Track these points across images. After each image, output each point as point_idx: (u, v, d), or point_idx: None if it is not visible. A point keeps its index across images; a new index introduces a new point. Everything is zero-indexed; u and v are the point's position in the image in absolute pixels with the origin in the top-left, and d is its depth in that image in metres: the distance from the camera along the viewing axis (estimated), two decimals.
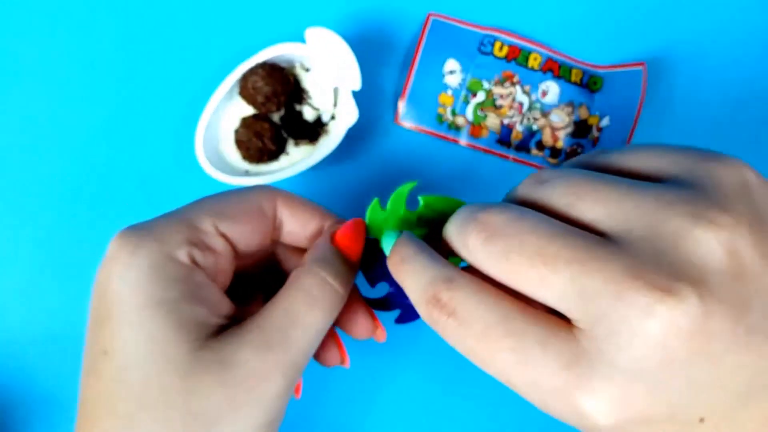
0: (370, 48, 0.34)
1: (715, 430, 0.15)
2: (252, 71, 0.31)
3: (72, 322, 0.33)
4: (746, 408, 0.14)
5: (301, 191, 0.34)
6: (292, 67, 0.33)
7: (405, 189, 0.23)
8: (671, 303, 0.13)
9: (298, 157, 0.32)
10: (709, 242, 0.14)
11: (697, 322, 0.13)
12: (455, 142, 0.33)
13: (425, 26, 0.34)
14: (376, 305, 0.24)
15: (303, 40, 0.31)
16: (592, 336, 0.14)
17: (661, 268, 0.14)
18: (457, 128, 0.33)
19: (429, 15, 0.34)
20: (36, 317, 0.33)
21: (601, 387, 0.14)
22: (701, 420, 0.14)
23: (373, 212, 0.22)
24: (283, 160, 0.33)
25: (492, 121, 0.33)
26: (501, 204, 0.17)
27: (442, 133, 0.33)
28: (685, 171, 0.16)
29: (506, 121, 0.33)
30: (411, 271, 0.18)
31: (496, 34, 0.34)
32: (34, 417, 0.33)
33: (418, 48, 0.34)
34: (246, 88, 0.31)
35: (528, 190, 0.17)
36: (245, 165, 0.32)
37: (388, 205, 0.22)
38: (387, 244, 0.21)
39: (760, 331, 0.14)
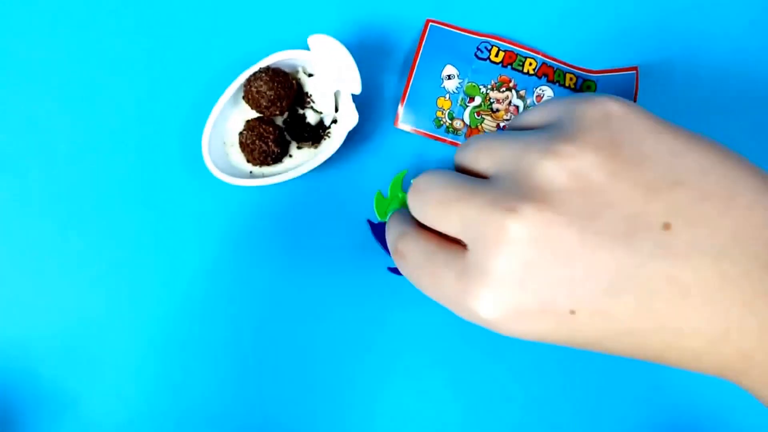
0: (371, 54, 0.35)
1: (589, 320, 0.17)
2: (256, 76, 0.32)
3: (79, 321, 0.35)
4: (615, 301, 0.17)
5: (304, 193, 0.35)
6: (295, 72, 0.34)
7: (399, 177, 0.28)
8: (515, 218, 0.17)
9: (301, 160, 0.33)
10: (552, 169, 0.17)
11: (538, 231, 0.17)
12: (453, 144, 0.34)
13: (424, 32, 0.35)
14: (398, 272, 0.29)
15: (306, 47, 0.32)
16: (473, 252, 0.18)
17: (514, 195, 0.17)
18: (454, 131, 0.34)
19: (427, 21, 0.35)
20: (43, 317, 0.35)
21: (479, 290, 0.18)
22: (572, 312, 0.17)
23: (378, 200, 0.28)
24: (286, 163, 0.34)
25: (489, 124, 0.34)
26: (428, 170, 0.21)
27: (440, 136, 0.34)
28: (557, 116, 0.19)
29: (502, 125, 0.34)
30: (389, 233, 0.23)
31: (493, 40, 0.35)
32: (39, 416, 0.34)
33: (417, 54, 0.35)
34: (250, 92, 0.32)
35: (457, 155, 0.22)
36: (249, 167, 0.34)
37: (389, 192, 0.28)
38: None
39: (610, 234, 0.17)
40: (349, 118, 0.32)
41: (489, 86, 0.34)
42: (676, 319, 0.16)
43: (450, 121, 0.34)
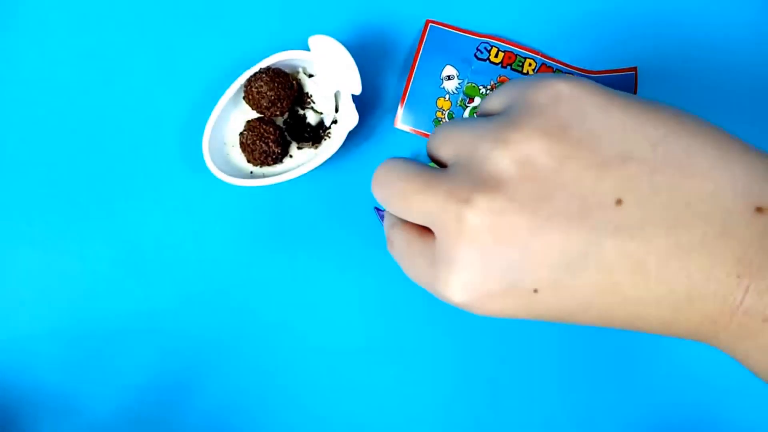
0: (371, 54, 0.35)
1: (553, 297, 0.18)
2: (256, 76, 0.32)
3: (79, 322, 0.35)
4: (575, 278, 0.17)
5: (304, 193, 0.35)
6: (296, 72, 0.34)
7: None
8: (470, 209, 0.18)
9: (301, 160, 0.34)
10: (502, 159, 0.18)
11: (492, 219, 0.18)
12: None
13: (424, 33, 0.35)
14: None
15: (306, 48, 0.33)
16: (438, 241, 0.19)
17: (469, 185, 0.18)
18: None
19: (427, 22, 0.35)
20: (43, 317, 0.35)
21: (448, 277, 0.19)
22: (535, 291, 0.18)
23: None
24: (286, 163, 0.34)
25: None
26: (385, 161, 0.22)
27: None
28: (510, 101, 0.20)
29: None
30: (384, 224, 0.24)
31: (493, 41, 0.35)
32: (39, 416, 0.34)
33: (416, 54, 0.35)
34: (251, 93, 0.32)
35: (427, 144, 0.23)
36: (250, 167, 0.34)
37: None
38: None
39: (563, 215, 0.17)
40: (349, 119, 0.32)
41: (488, 87, 0.35)
42: (637, 291, 0.17)
43: None
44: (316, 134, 0.34)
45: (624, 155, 0.17)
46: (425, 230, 0.21)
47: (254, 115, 0.34)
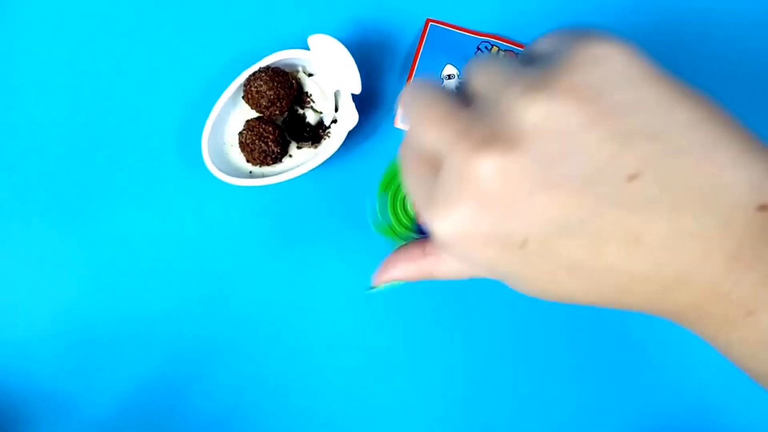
0: (371, 53, 0.35)
1: (537, 255, 0.18)
2: (256, 75, 0.32)
3: (79, 321, 0.35)
4: (568, 240, 0.17)
5: (303, 192, 0.35)
6: (295, 71, 0.34)
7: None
8: (481, 154, 0.17)
9: (301, 160, 0.33)
10: (526, 109, 0.17)
11: (501, 168, 0.17)
12: None
13: (424, 32, 0.35)
14: None
15: (306, 47, 0.32)
16: (442, 173, 0.19)
17: (487, 129, 0.18)
18: None
19: (428, 21, 0.35)
20: (42, 318, 0.35)
21: (440, 210, 0.18)
22: (522, 245, 0.18)
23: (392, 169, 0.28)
24: (286, 162, 0.34)
25: None
26: (414, 82, 0.21)
27: None
28: (554, 49, 0.19)
29: None
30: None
31: (493, 40, 0.35)
32: (38, 416, 0.34)
33: (417, 53, 0.35)
34: (250, 92, 0.32)
35: (465, 66, 0.22)
36: (249, 167, 0.34)
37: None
38: None
39: (572, 178, 0.17)
40: (349, 118, 0.32)
41: None
42: (627, 263, 0.17)
43: None
44: (315, 134, 0.34)
45: (655, 131, 0.17)
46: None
47: (253, 114, 0.33)
